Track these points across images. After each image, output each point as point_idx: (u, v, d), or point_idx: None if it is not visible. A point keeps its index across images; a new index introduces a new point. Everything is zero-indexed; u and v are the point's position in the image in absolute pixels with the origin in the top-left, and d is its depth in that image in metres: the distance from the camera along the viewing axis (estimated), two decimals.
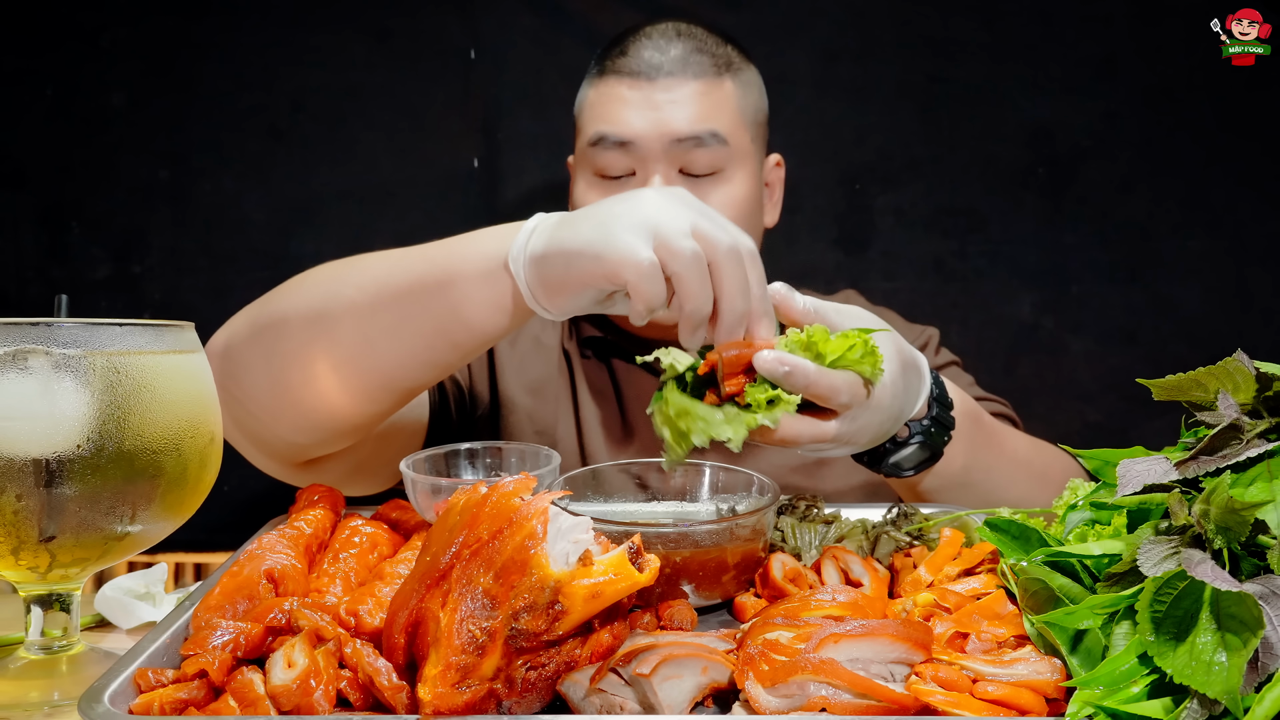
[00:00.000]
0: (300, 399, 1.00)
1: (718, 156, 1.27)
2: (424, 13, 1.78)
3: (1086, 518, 0.76)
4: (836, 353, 0.79)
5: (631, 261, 0.80)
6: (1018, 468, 1.15)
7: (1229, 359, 0.73)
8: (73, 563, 0.75)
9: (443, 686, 0.60)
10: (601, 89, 1.30)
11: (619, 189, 1.27)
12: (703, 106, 1.27)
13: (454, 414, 1.35)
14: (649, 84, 1.27)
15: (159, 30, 1.78)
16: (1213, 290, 1.82)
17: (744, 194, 1.31)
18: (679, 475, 0.97)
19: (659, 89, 1.26)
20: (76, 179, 1.79)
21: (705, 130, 1.26)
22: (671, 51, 1.29)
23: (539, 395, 1.39)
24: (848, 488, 1.36)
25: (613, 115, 1.27)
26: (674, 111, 1.26)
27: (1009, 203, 1.83)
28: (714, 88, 1.29)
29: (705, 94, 1.28)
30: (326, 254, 1.77)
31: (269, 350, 1.00)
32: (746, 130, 1.33)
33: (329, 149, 1.80)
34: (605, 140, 1.27)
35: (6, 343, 0.71)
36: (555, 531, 0.64)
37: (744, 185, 1.31)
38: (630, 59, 1.29)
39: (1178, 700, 0.57)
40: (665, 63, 1.28)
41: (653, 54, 1.28)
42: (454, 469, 0.99)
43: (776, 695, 0.62)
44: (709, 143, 1.26)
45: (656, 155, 1.26)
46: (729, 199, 1.29)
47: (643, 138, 1.25)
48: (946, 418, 0.98)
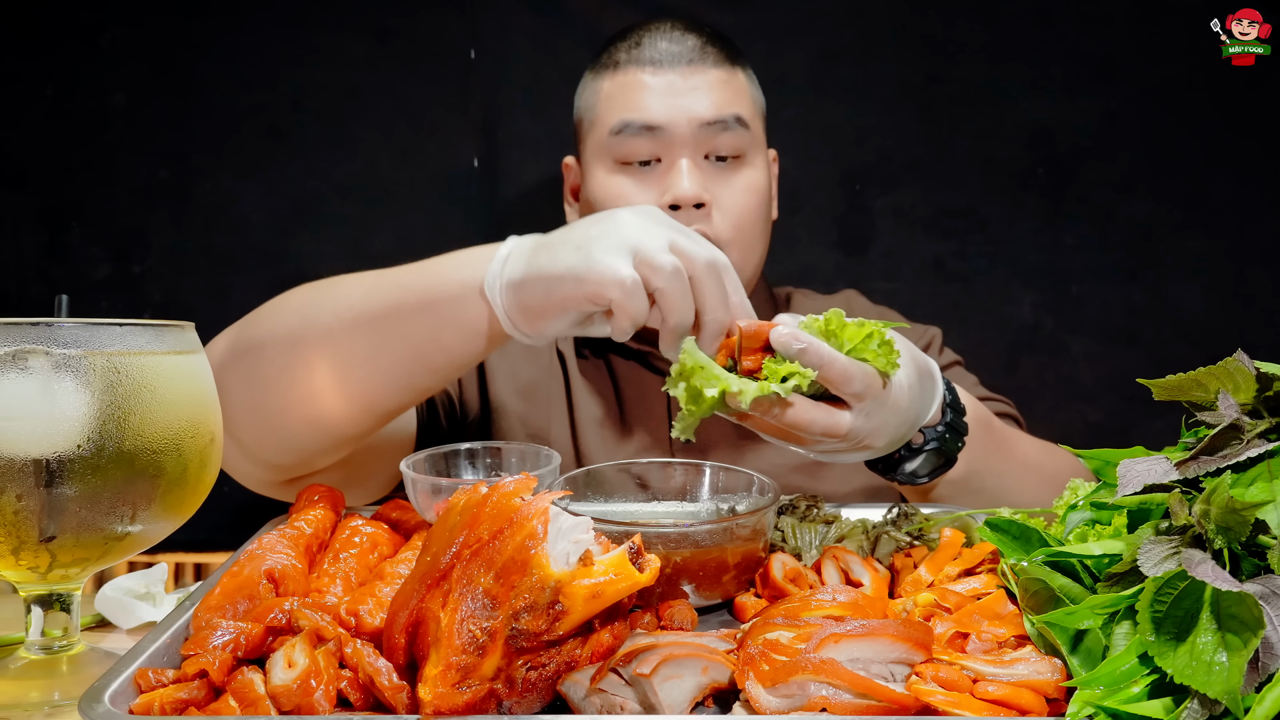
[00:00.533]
0: (281, 422, 1.01)
1: (741, 140, 1.29)
2: (424, 13, 1.78)
3: (1087, 518, 0.76)
4: (853, 340, 0.80)
5: (615, 281, 0.81)
6: (1028, 471, 1.15)
7: (1229, 359, 0.73)
8: (73, 563, 0.75)
9: (443, 686, 0.60)
10: (620, 79, 1.30)
11: (643, 176, 1.28)
12: (725, 92, 1.29)
13: (444, 423, 1.35)
14: (671, 71, 1.28)
15: (159, 30, 1.77)
16: (1213, 290, 1.82)
17: (764, 180, 1.33)
18: (679, 475, 0.97)
19: (680, 76, 1.28)
20: (76, 179, 1.79)
21: (730, 114, 1.28)
22: (687, 42, 1.31)
23: (530, 398, 1.39)
24: (849, 490, 1.36)
25: (636, 102, 1.27)
26: (698, 97, 1.27)
27: (1009, 203, 1.82)
28: (732, 76, 1.32)
29: (725, 81, 1.30)
30: (326, 254, 1.79)
31: (249, 375, 1.01)
32: (759, 121, 1.36)
33: (329, 149, 1.79)
34: (630, 126, 1.27)
35: (6, 343, 0.71)
36: (556, 531, 0.64)
37: (762, 172, 1.33)
38: (647, 49, 1.30)
39: (1178, 700, 0.57)
40: (684, 52, 1.30)
41: (669, 45, 1.30)
42: (454, 469, 0.99)
43: (777, 695, 0.62)
44: (733, 126, 1.28)
45: (684, 140, 1.26)
46: (752, 183, 1.30)
47: (670, 122, 1.26)
48: (960, 424, 0.98)
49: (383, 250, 1.80)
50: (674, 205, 1.24)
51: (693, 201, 1.24)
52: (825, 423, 0.80)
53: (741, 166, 1.30)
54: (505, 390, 1.38)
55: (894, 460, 0.96)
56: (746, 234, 1.30)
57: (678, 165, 1.26)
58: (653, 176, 1.28)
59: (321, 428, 1.01)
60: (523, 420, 1.38)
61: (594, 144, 1.33)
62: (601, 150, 1.31)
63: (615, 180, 1.29)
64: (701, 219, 1.25)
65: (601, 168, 1.31)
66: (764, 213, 1.33)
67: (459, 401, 1.38)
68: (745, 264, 1.31)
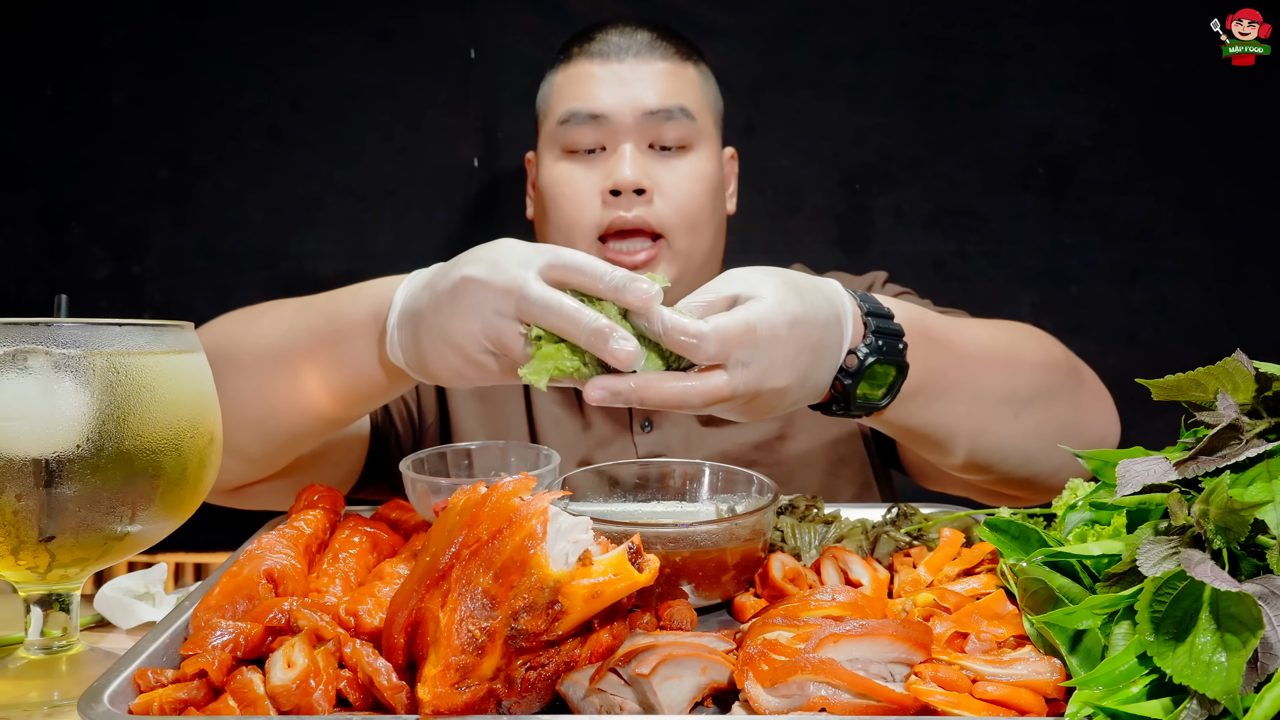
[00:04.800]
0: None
1: (686, 131, 1.31)
2: (424, 13, 1.78)
3: (1086, 518, 0.76)
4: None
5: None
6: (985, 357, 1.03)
7: (1228, 359, 0.73)
8: (73, 563, 0.75)
9: (442, 686, 0.60)
10: (569, 71, 1.33)
11: (588, 163, 1.30)
12: (671, 84, 1.31)
13: (399, 428, 1.36)
14: (618, 63, 1.31)
15: (159, 30, 1.78)
16: (1213, 290, 1.82)
17: (710, 170, 1.34)
18: (679, 475, 0.98)
19: (628, 68, 1.31)
20: (76, 179, 1.79)
21: (674, 104, 1.30)
22: (638, 36, 1.33)
23: (487, 399, 1.39)
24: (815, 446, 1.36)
25: (583, 92, 1.30)
26: (643, 88, 1.29)
27: (1009, 203, 1.82)
28: (680, 69, 1.34)
29: (672, 74, 1.32)
30: (326, 254, 1.79)
31: None
32: (710, 114, 1.37)
33: (329, 149, 1.80)
34: (576, 115, 1.29)
35: (6, 343, 0.71)
36: (555, 531, 0.64)
37: (710, 162, 1.34)
38: (598, 43, 1.33)
39: (1177, 700, 0.57)
40: (633, 45, 1.32)
41: (619, 38, 1.33)
42: (454, 469, 0.99)
43: (776, 695, 0.62)
44: (677, 116, 1.30)
45: (628, 129, 1.29)
46: (697, 170, 1.31)
47: (614, 111, 1.28)
48: (890, 326, 0.88)
49: (383, 250, 1.80)
50: (614, 191, 1.26)
51: (632, 187, 1.26)
52: (703, 390, 0.76)
53: (686, 155, 1.32)
54: (462, 392, 1.39)
55: (841, 394, 0.87)
56: (690, 219, 1.30)
57: (620, 151, 1.28)
58: (597, 163, 1.30)
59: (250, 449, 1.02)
60: (481, 420, 1.38)
61: (545, 134, 1.36)
62: (551, 139, 1.34)
63: (561, 167, 1.31)
64: (642, 204, 1.27)
65: (550, 156, 1.34)
66: (710, 201, 1.33)
67: (416, 407, 1.39)
68: (693, 250, 1.32)
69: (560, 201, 1.31)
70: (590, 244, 1.29)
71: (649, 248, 1.29)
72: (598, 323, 0.74)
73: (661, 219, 1.28)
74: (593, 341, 0.74)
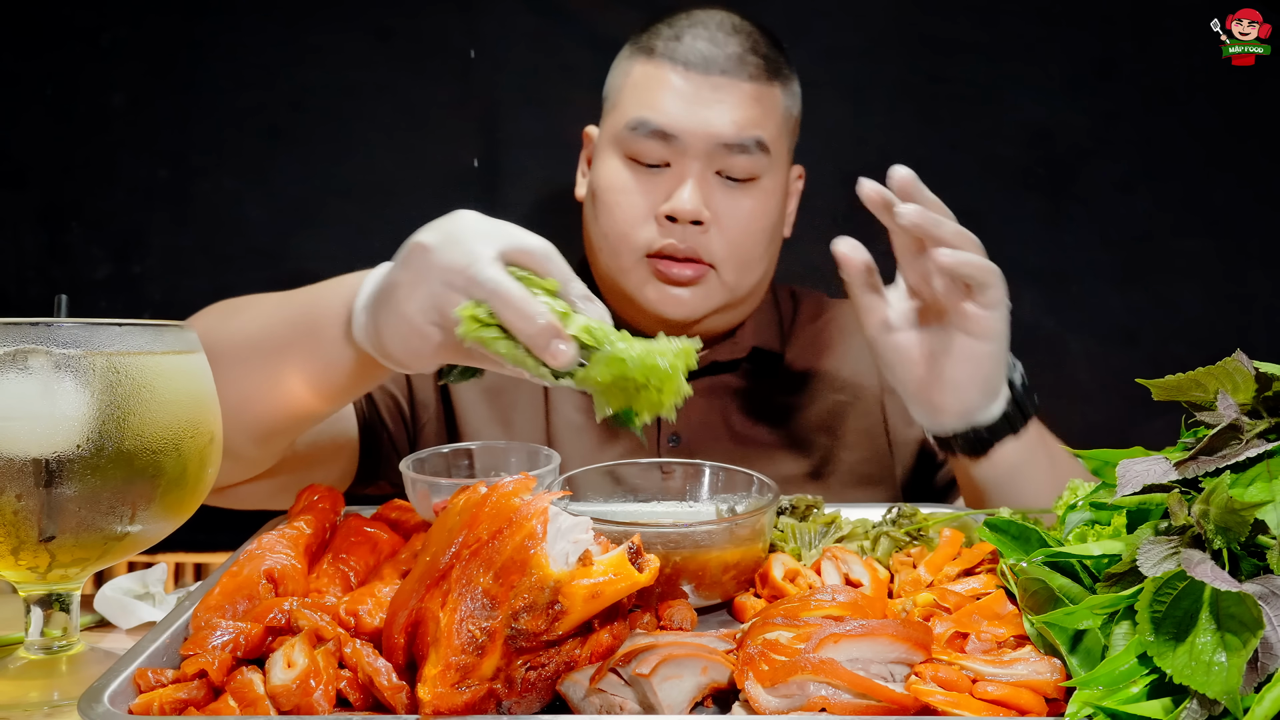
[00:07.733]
0: None
1: (757, 164, 1.25)
2: (424, 13, 1.78)
3: (1086, 518, 0.76)
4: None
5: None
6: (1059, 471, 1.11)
7: (1229, 359, 0.73)
8: (73, 563, 0.75)
9: (442, 686, 0.60)
10: (649, 70, 1.25)
11: (649, 177, 1.24)
12: (751, 112, 1.24)
13: (388, 424, 1.31)
14: (701, 77, 1.22)
15: (159, 30, 1.77)
16: (1213, 290, 1.81)
17: (773, 205, 1.29)
18: (679, 475, 0.98)
19: (710, 85, 1.22)
20: (76, 179, 1.79)
21: (750, 138, 1.23)
22: (728, 47, 1.24)
23: (499, 398, 1.33)
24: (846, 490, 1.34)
25: (659, 102, 1.23)
26: (722, 113, 1.22)
27: (1009, 202, 1.82)
28: (764, 93, 1.26)
29: (756, 99, 1.24)
30: (326, 254, 1.79)
31: None
32: (785, 139, 1.31)
33: (329, 149, 1.79)
34: (644, 126, 1.22)
35: (6, 343, 0.71)
36: (555, 531, 0.64)
37: (774, 196, 1.29)
38: (684, 46, 1.24)
39: (1177, 700, 0.57)
40: (720, 58, 1.23)
41: (708, 46, 1.24)
42: (454, 469, 0.99)
43: (776, 695, 0.62)
44: (752, 150, 1.23)
45: (697, 153, 1.22)
46: (760, 206, 1.27)
47: (687, 133, 1.22)
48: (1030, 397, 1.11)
49: (383, 250, 1.78)
50: (670, 217, 1.22)
51: (691, 218, 1.21)
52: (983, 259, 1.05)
53: (753, 189, 1.26)
54: (469, 388, 1.32)
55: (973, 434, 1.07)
56: (743, 254, 1.26)
57: (684, 175, 1.23)
58: (658, 180, 1.24)
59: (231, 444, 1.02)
60: (490, 422, 1.32)
61: (609, 130, 1.29)
62: (614, 139, 1.27)
63: (621, 174, 1.25)
64: (697, 236, 1.23)
65: (612, 156, 1.27)
66: (767, 235, 1.29)
67: (409, 402, 1.33)
68: (740, 283, 1.28)
69: (614, 211, 1.26)
70: (637, 260, 1.25)
71: (697, 269, 1.24)
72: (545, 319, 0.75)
73: (714, 252, 1.24)
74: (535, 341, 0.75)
